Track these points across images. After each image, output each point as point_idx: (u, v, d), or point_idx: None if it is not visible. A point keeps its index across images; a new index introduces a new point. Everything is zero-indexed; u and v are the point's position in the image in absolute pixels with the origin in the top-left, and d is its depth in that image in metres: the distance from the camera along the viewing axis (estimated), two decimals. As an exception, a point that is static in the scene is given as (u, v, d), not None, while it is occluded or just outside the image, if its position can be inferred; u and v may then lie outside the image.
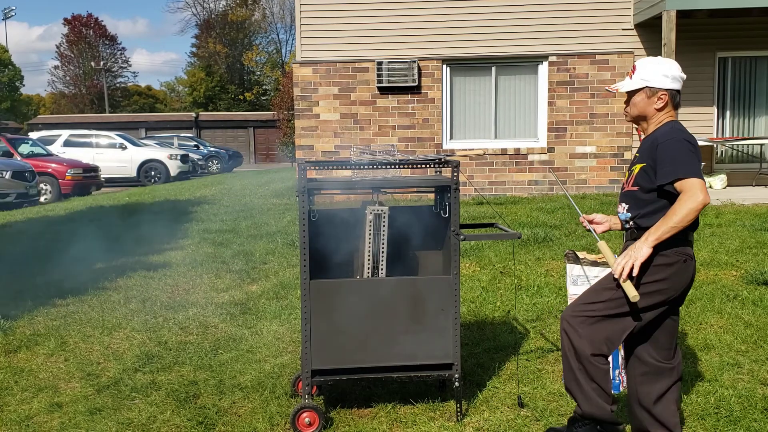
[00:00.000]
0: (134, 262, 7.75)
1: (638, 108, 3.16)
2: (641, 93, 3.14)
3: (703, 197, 2.83)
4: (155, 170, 23.16)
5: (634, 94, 3.16)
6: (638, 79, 3.14)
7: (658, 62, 3.14)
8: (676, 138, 2.97)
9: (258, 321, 5.54)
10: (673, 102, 3.13)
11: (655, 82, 3.10)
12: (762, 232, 7.89)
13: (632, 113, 3.20)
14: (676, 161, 2.91)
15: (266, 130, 42.52)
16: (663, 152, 2.96)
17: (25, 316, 5.75)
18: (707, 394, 3.94)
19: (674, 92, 3.12)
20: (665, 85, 3.10)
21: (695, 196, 2.83)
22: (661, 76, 3.10)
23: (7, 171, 14.88)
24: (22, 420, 3.91)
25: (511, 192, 12.39)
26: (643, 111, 3.15)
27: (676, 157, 2.92)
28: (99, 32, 62.71)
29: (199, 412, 3.94)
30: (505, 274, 6.62)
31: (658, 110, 3.12)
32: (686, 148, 2.94)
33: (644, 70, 3.14)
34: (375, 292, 3.71)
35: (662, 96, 3.10)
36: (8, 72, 54.34)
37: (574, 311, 3.16)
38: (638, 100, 3.15)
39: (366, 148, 4.06)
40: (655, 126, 3.14)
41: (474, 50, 12.41)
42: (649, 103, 3.13)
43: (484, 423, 3.71)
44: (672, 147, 2.95)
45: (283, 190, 14.77)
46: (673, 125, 3.07)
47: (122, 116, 48.11)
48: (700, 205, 2.83)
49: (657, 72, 3.10)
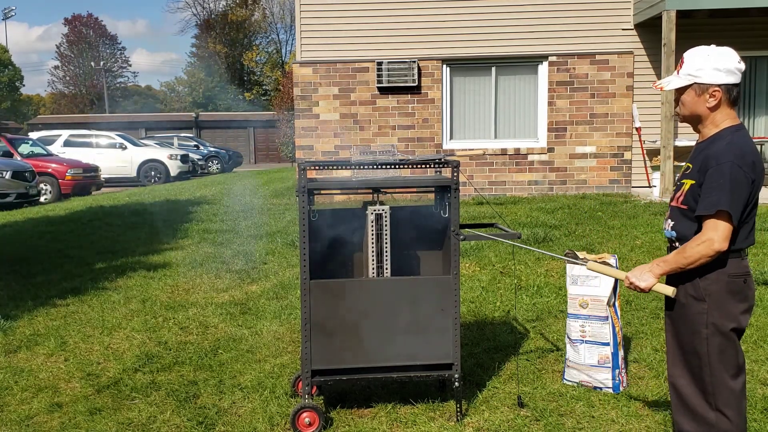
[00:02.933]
0: (134, 262, 7.76)
1: (688, 108, 2.78)
2: (690, 90, 2.76)
3: (719, 246, 2.63)
4: (155, 170, 23.15)
5: (683, 92, 2.78)
6: (685, 74, 2.76)
7: (708, 53, 2.73)
8: (726, 162, 2.63)
9: (258, 321, 5.54)
10: (730, 98, 2.73)
11: (706, 78, 2.71)
12: (762, 232, 7.89)
13: (683, 113, 2.83)
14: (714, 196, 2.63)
15: (266, 130, 42.52)
16: (710, 179, 2.65)
17: (25, 316, 5.75)
18: (707, 394, 3.94)
19: (730, 86, 2.72)
20: (718, 80, 2.70)
21: (711, 243, 2.63)
22: (711, 70, 2.70)
23: (7, 171, 14.88)
24: (22, 420, 3.91)
25: (511, 192, 12.39)
26: (695, 111, 2.77)
27: (717, 189, 2.63)
28: (99, 32, 62.78)
29: (199, 412, 3.94)
30: (505, 274, 6.62)
31: (711, 109, 2.74)
32: (734, 178, 2.62)
33: (692, 63, 2.74)
34: (375, 292, 3.71)
35: (714, 93, 2.71)
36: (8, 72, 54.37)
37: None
38: (687, 99, 2.77)
39: (366, 148, 4.06)
40: (712, 129, 2.77)
41: (474, 50, 12.41)
42: (700, 102, 2.74)
43: (484, 423, 3.71)
44: (719, 174, 2.63)
45: (283, 190, 14.76)
46: (732, 139, 2.69)
47: (122, 116, 48.09)
48: (713, 253, 2.65)
49: (707, 65, 2.71)
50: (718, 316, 2.73)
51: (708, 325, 2.73)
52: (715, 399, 2.75)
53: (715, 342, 2.73)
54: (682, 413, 2.87)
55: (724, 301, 2.72)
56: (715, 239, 2.63)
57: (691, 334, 2.78)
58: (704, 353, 2.75)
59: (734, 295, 2.73)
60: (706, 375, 2.76)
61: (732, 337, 2.75)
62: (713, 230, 2.64)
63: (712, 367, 2.74)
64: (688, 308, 2.78)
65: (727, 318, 2.73)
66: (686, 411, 2.84)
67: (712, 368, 2.74)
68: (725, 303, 2.73)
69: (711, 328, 2.73)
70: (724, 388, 2.75)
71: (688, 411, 2.83)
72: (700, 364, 2.77)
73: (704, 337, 2.74)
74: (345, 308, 3.66)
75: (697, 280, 2.74)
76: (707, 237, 2.65)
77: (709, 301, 2.73)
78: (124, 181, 22.61)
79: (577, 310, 4.18)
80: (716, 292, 2.72)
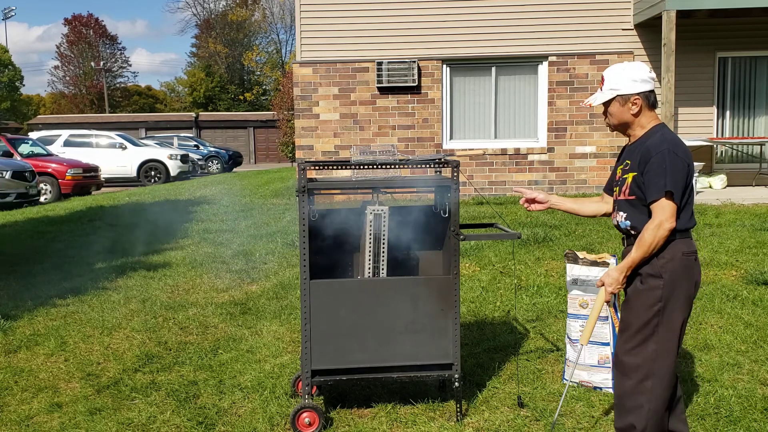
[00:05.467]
0: (134, 262, 7.75)
1: (616, 117, 3.15)
2: (615, 102, 3.13)
3: (669, 224, 2.93)
4: (155, 170, 23.15)
5: (609, 105, 3.16)
6: (608, 89, 3.14)
7: (623, 68, 3.13)
8: (664, 151, 2.96)
9: (258, 321, 5.54)
10: (648, 103, 3.11)
11: (625, 89, 3.09)
12: (762, 232, 7.89)
13: (613, 123, 3.20)
14: (658, 181, 2.94)
15: (266, 130, 42.53)
16: (651, 167, 2.97)
17: (25, 316, 5.75)
18: (707, 394, 3.94)
19: (647, 93, 3.10)
20: (636, 89, 3.08)
21: (662, 224, 2.93)
22: (629, 82, 3.08)
23: (7, 171, 14.88)
24: (22, 420, 3.91)
25: (511, 192, 12.38)
26: (622, 119, 3.15)
27: (659, 174, 2.94)
28: (99, 32, 62.71)
29: (199, 412, 3.94)
30: (505, 274, 6.62)
31: (635, 115, 3.11)
32: (672, 163, 2.94)
33: (612, 79, 3.13)
34: (375, 292, 3.71)
35: (635, 101, 3.09)
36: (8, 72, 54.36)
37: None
38: (614, 110, 3.15)
39: (366, 148, 4.06)
40: (640, 131, 3.14)
41: (474, 50, 12.41)
42: (625, 111, 3.12)
43: (484, 423, 3.71)
44: (659, 163, 2.95)
45: (283, 190, 14.76)
46: (663, 134, 3.06)
47: (122, 116, 48.10)
48: (666, 232, 2.94)
49: (625, 78, 3.09)
50: (671, 290, 3.01)
51: (663, 298, 3.01)
52: (654, 366, 3.04)
53: (667, 314, 3.01)
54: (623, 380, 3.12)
55: (678, 277, 3.01)
56: (664, 219, 2.94)
57: (645, 308, 3.04)
58: (655, 324, 3.02)
59: (687, 271, 3.02)
60: (652, 344, 3.03)
61: (683, 308, 3.03)
62: (661, 211, 2.94)
63: (659, 338, 3.03)
64: (645, 285, 3.05)
65: (679, 292, 3.01)
66: (626, 378, 3.10)
67: (659, 339, 3.03)
68: (679, 279, 3.01)
69: (665, 302, 3.01)
70: (665, 357, 3.03)
71: (628, 378, 3.09)
72: (651, 335, 3.04)
73: (657, 311, 3.02)
74: (345, 308, 3.66)
75: (654, 260, 3.01)
76: (658, 219, 2.95)
77: (665, 278, 3.00)
78: (124, 181, 22.61)
79: (577, 310, 4.18)
80: (671, 270, 3.00)
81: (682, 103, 12.16)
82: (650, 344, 3.03)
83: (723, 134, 12.78)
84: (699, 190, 11.35)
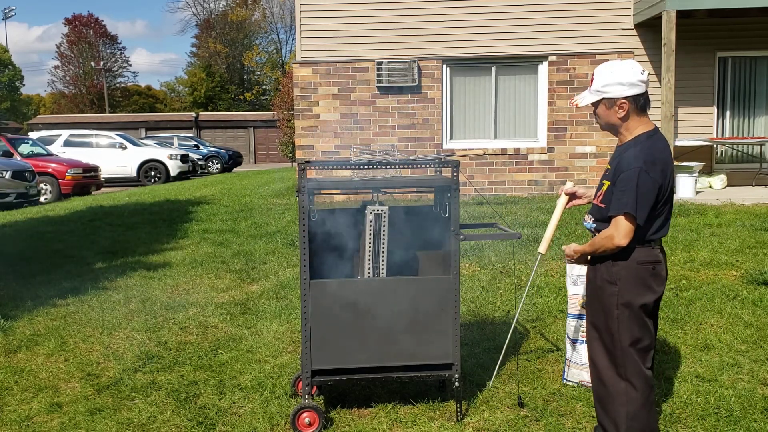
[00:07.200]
0: (134, 262, 7.76)
1: (603, 119, 3.06)
2: (601, 105, 3.03)
3: (617, 242, 2.95)
4: (155, 170, 23.16)
5: (597, 106, 3.06)
6: (595, 90, 3.02)
7: (612, 69, 3.00)
8: (636, 169, 2.89)
9: (258, 321, 5.54)
10: (637, 106, 2.99)
11: (612, 93, 2.98)
12: (762, 232, 7.89)
13: (600, 123, 3.11)
14: (622, 198, 2.92)
15: (266, 130, 42.52)
16: (620, 183, 2.93)
17: (25, 316, 5.75)
18: (707, 394, 3.94)
19: (636, 97, 2.97)
20: (623, 94, 2.96)
21: (611, 239, 2.96)
22: (616, 85, 2.96)
23: (7, 171, 14.88)
24: (22, 420, 3.91)
25: (511, 192, 12.39)
26: (608, 121, 3.05)
27: (625, 192, 2.91)
28: (99, 32, 62.71)
29: (199, 412, 3.94)
30: (505, 274, 6.62)
31: (622, 119, 3.01)
32: (642, 182, 2.88)
33: (599, 80, 3.01)
34: (375, 292, 3.71)
35: (622, 105, 2.97)
36: (8, 72, 54.38)
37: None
38: (601, 112, 3.05)
39: (366, 148, 4.05)
40: (628, 136, 3.04)
41: (474, 50, 12.41)
42: (612, 114, 3.01)
43: (484, 423, 3.71)
44: (627, 180, 2.90)
45: (283, 190, 14.76)
46: (644, 147, 2.95)
47: (122, 116, 48.09)
48: (613, 247, 2.97)
49: (612, 81, 2.97)
50: (627, 297, 3.02)
51: (618, 306, 3.04)
52: (624, 370, 3.06)
53: (624, 320, 3.04)
54: (597, 384, 3.19)
55: (632, 284, 3.02)
56: (615, 236, 2.95)
57: (604, 313, 3.09)
58: (615, 330, 3.06)
59: (642, 279, 3.03)
60: (618, 350, 3.07)
61: (640, 314, 3.04)
62: (615, 228, 2.96)
63: (622, 343, 3.05)
64: (602, 291, 3.09)
65: (635, 299, 3.02)
66: (600, 383, 3.16)
67: (622, 344, 3.05)
68: (633, 286, 3.02)
69: (620, 309, 3.04)
70: (632, 361, 3.05)
71: (602, 382, 3.15)
72: (612, 340, 3.08)
73: (615, 317, 3.05)
74: (345, 308, 3.66)
75: (610, 266, 3.06)
76: (610, 233, 2.98)
77: (620, 285, 3.03)
78: (124, 181, 22.61)
79: (577, 310, 4.18)
80: (625, 276, 3.02)
81: (682, 103, 12.16)
82: (616, 348, 3.06)
83: (723, 134, 12.78)
84: (699, 190, 11.35)
